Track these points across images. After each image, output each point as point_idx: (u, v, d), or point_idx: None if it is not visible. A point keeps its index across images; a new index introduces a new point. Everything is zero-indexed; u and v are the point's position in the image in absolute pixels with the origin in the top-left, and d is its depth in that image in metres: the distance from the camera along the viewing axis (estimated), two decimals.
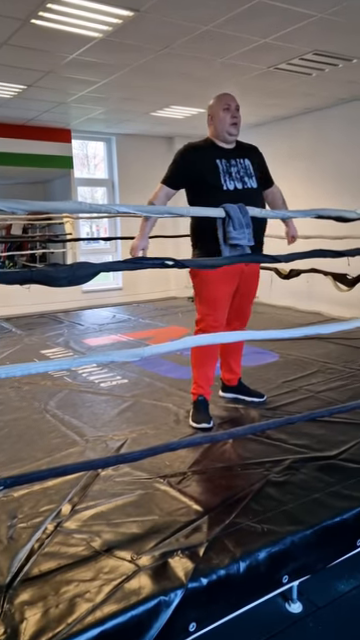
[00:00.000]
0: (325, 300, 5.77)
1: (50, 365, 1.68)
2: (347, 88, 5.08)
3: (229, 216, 1.78)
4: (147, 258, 1.73)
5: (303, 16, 3.31)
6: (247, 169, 2.58)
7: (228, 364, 2.91)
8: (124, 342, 4.50)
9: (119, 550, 1.56)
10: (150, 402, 2.94)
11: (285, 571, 1.57)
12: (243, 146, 2.68)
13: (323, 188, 6.03)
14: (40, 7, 3.12)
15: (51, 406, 2.89)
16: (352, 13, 3.29)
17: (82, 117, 6.16)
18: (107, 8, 3.16)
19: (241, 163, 2.58)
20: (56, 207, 2.02)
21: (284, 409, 2.74)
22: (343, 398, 2.86)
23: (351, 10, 3.25)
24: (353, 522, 1.71)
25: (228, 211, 1.77)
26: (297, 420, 2.04)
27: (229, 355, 2.88)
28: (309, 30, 3.55)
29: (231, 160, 2.55)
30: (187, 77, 4.58)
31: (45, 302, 6.21)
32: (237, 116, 2.58)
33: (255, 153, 2.71)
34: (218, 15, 3.28)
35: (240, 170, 2.56)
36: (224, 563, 1.48)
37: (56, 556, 1.55)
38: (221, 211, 1.78)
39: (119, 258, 7.51)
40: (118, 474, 2.04)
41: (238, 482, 1.97)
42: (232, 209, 1.80)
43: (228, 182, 2.51)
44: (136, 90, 5.00)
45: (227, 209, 1.78)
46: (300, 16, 3.31)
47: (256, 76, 4.56)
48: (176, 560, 1.49)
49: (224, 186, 2.49)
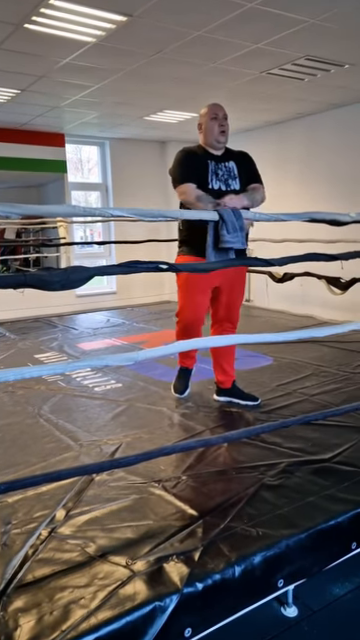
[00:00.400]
0: (318, 304, 5.79)
1: (44, 369, 1.68)
2: (339, 93, 5.12)
3: (223, 219, 1.79)
4: (141, 262, 1.73)
5: (295, 22, 3.34)
6: (231, 171, 2.74)
7: (220, 366, 2.94)
8: (118, 346, 4.50)
9: (114, 555, 1.55)
10: (144, 406, 2.93)
11: (280, 575, 1.57)
12: (231, 152, 2.82)
13: (316, 192, 6.07)
14: (33, 12, 3.13)
15: (45, 411, 2.88)
16: (343, 19, 3.33)
17: (76, 121, 6.17)
18: (100, 13, 3.17)
19: (226, 166, 2.74)
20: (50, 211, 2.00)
21: (278, 412, 2.74)
22: (337, 401, 2.87)
23: (342, 16, 3.28)
24: (348, 525, 1.72)
25: (222, 215, 1.78)
26: (291, 423, 2.04)
27: (221, 357, 2.92)
28: (301, 36, 3.57)
29: (219, 164, 2.72)
30: (180, 82, 4.60)
31: (39, 306, 6.20)
32: (225, 124, 2.74)
33: (242, 157, 2.83)
34: (210, 20, 3.30)
35: (225, 173, 2.72)
36: (219, 568, 1.47)
37: (50, 562, 1.53)
38: (215, 214, 1.78)
39: (113, 262, 7.51)
40: (113, 479, 2.03)
41: (233, 486, 1.97)
42: (226, 213, 1.80)
43: (214, 182, 2.67)
44: (129, 94, 5.01)
45: (221, 213, 1.79)
46: (292, 22, 3.34)
47: (248, 81, 4.59)
48: (171, 565, 1.49)
49: (210, 185, 2.65)
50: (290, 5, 3.09)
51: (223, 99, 5.10)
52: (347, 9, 3.18)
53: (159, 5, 3.05)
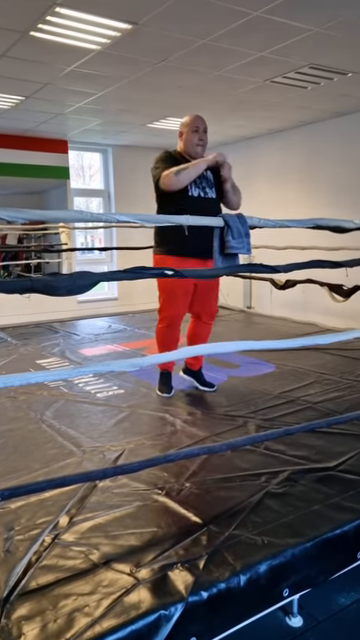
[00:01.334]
0: (320, 311, 5.79)
1: (49, 375, 1.68)
2: (342, 101, 5.15)
3: (228, 225, 1.79)
4: (147, 268, 1.73)
5: (299, 30, 3.36)
6: (209, 180, 2.95)
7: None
8: (120, 352, 4.49)
9: (118, 563, 1.54)
10: (147, 412, 2.92)
11: (286, 584, 1.56)
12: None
13: (317, 200, 6.09)
14: (39, 20, 3.15)
15: (47, 416, 2.87)
16: (347, 28, 3.35)
17: (79, 128, 6.20)
18: (106, 21, 3.20)
19: (204, 175, 2.92)
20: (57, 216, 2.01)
21: (282, 420, 2.73)
22: (341, 409, 2.86)
23: (346, 25, 3.30)
24: (353, 534, 1.70)
25: (227, 221, 1.78)
26: (296, 431, 2.03)
27: (195, 342, 3.19)
28: (305, 44, 3.60)
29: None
30: (184, 90, 4.62)
31: (40, 312, 6.19)
32: (203, 138, 2.97)
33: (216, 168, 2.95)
34: (215, 29, 3.32)
35: (203, 181, 2.91)
36: (224, 576, 1.46)
37: (54, 569, 1.52)
38: (220, 220, 1.79)
39: (115, 268, 7.52)
40: (116, 485, 2.02)
41: (237, 493, 1.95)
42: (231, 219, 1.80)
43: (193, 189, 2.88)
44: (133, 102, 5.04)
45: (226, 219, 1.79)
46: (296, 30, 3.36)
47: (252, 89, 4.62)
48: (176, 573, 1.47)
49: (189, 192, 2.86)
50: (294, 14, 3.12)
51: (226, 107, 5.15)
52: (351, 18, 3.20)
53: (164, 14, 3.08)
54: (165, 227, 2.83)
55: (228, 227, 1.78)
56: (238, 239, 1.78)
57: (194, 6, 2.98)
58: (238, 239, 1.78)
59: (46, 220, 1.87)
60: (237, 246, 1.79)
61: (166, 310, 3.09)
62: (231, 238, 1.78)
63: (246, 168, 6.31)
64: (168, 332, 3.11)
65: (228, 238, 1.79)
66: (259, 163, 6.62)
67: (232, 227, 1.77)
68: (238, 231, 1.77)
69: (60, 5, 2.98)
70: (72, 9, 3.03)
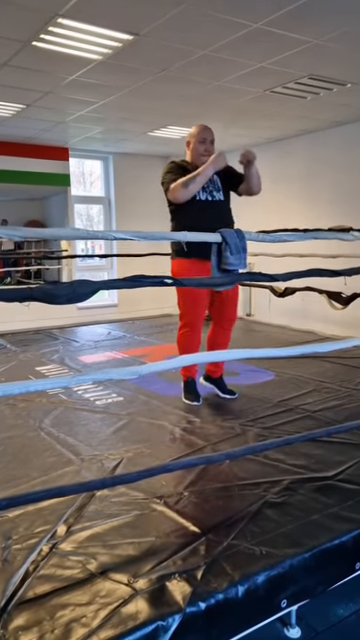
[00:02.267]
0: (319, 318, 5.80)
1: (49, 383, 1.68)
2: (341, 111, 5.19)
3: (226, 241, 1.79)
4: (146, 276, 1.74)
5: (298, 42, 3.39)
6: (215, 184, 3.03)
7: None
8: (119, 359, 4.49)
9: (116, 573, 1.54)
10: (146, 420, 2.92)
11: (284, 595, 1.55)
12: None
13: (318, 209, 6.11)
14: (41, 30, 3.18)
15: (46, 424, 2.86)
16: (346, 40, 3.38)
17: (80, 136, 6.24)
18: (107, 32, 3.23)
19: (211, 179, 2.99)
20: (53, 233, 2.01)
21: (281, 428, 2.73)
22: (340, 418, 2.86)
23: (345, 37, 3.33)
24: (352, 545, 1.70)
25: (225, 236, 1.78)
26: (295, 440, 2.03)
27: (214, 349, 3.22)
28: (304, 55, 3.63)
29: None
30: (184, 99, 4.66)
31: (40, 318, 6.20)
32: (210, 149, 3.03)
33: (224, 170, 3.03)
34: (215, 40, 3.35)
35: (210, 185, 2.99)
36: (222, 587, 1.45)
37: (51, 579, 1.52)
38: (217, 236, 1.79)
39: (115, 275, 7.54)
40: (114, 494, 2.02)
41: (236, 503, 1.95)
42: (228, 234, 1.81)
43: (201, 193, 2.96)
44: (134, 111, 5.08)
45: (224, 234, 1.79)
46: (296, 42, 3.39)
47: (252, 99, 4.65)
48: (174, 584, 1.47)
49: (197, 196, 2.94)
50: (293, 26, 3.15)
51: (227, 116, 5.18)
52: (350, 30, 3.23)
53: (165, 25, 3.11)
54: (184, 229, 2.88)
55: (226, 243, 1.78)
56: (236, 255, 1.78)
57: (194, 18, 3.01)
58: (236, 255, 1.78)
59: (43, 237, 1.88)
60: (235, 262, 1.80)
61: (188, 314, 3.12)
62: (229, 254, 1.79)
63: None
64: (190, 336, 3.12)
65: (226, 254, 1.79)
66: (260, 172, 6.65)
67: (230, 243, 1.77)
68: (236, 246, 1.78)
69: (62, 16, 3.01)
70: (74, 20, 3.06)
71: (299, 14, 2.97)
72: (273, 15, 2.99)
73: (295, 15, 2.98)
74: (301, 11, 2.93)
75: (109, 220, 7.75)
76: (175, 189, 2.87)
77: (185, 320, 3.14)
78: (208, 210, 2.96)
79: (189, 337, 3.13)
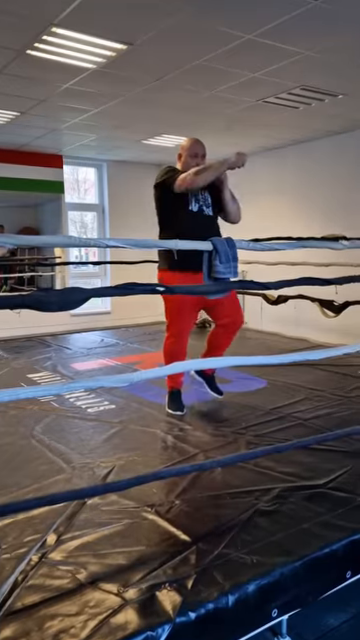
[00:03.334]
0: (312, 326, 5.82)
1: (39, 390, 1.67)
2: (333, 121, 5.25)
3: (216, 250, 1.80)
4: (138, 284, 1.74)
5: (291, 53, 3.44)
6: (206, 200, 3.05)
7: (212, 356, 3.19)
8: (112, 367, 4.48)
9: (105, 583, 1.52)
10: (138, 428, 2.91)
11: (275, 604, 1.54)
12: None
13: (311, 216, 6.16)
14: (36, 39, 3.20)
15: (37, 431, 2.85)
16: (337, 52, 3.43)
17: (74, 144, 6.26)
18: (102, 41, 3.25)
19: (202, 194, 3.03)
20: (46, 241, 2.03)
21: (273, 436, 2.73)
22: (331, 425, 2.86)
23: (336, 49, 3.38)
24: (342, 553, 1.70)
25: (215, 245, 1.79)
26: (285, 448, 2.03)
27: (215, 350, 3.25)
28: (296, 67, 3.68)
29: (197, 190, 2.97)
30: (178, 108, 4.69)
31: (33, 325, 6.18)
32: (200, 163, 3.01)
33: (213, 187, 3.04)
34: (208, 50, 3.39)
35: (200, 199, 3.03)
36: (213, 596, 1.45)
37: (40, 589, 1.50)
38: (208, 244, 1.80)
39: (108, 282, 7.54)
40: (105, 503, 2.00)
41: (227, 511, 1.94)
42: (219, 243, 1.82)
43: (193, 204, 3.00)
44: (128, 119, 5.11)
45: (214, 243, 1.80)
46: (288, 53, 3.44)
47: (245, 108, 4.70)
48: (164, 593, 1.46)
49: (189, 206, 2.98)
50: (286, 38, 3.19)
51: (221, 125, 5.23)
52: (341, 43, 3.28)
53: (159, 35, 3.14)
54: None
55: (217, 251, 1.79)
56: (226, 264, 1.79)
57: (188, 28, 3.04)
58: (226, 264, 1.79)
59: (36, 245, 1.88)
60: (224, 271, 1.80)
61: (174, 324, 3.13)
62: (219, 262, 1.80)
63: (241, 185, 6.38)
64: (176, 346, 3.13)
65: (216, 262, 1.80)
66: (254, 180, 6.69)
67: (220, 251, 1.78)
68: (226, 255, 1.79)
69: (57, 25, 3.03)
70: (68, 29, 3.08)
71: (291, 26, 3.01)
72: (265, 27, 3.03)
73: (287, 27, 3.02)
74: (293, 24, 2.98)
75: (103, 227, 7.76)
76: (186, 176, 2.83)
77: (172, 330, 3.15)
78: (198, 222, 2.98)
79: (175, 347, 3.13)
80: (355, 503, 1.97)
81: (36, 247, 7.36)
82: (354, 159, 5.74)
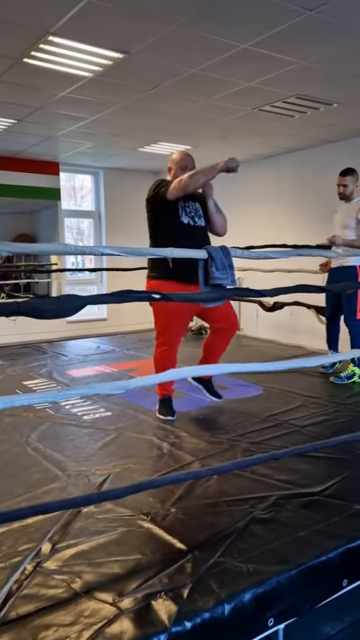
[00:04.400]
0: (307, 333, 5.83)
1: (34, 398, 1.66)
2: (328, 130, 5.29)
3: (212, 257, 1.81)
4: (134, 291, 1.75)
5: (286, 63, 3.47)
6: (197, 211, 3.11)
7: (207, 362, 3.25)
8: (108, 373, 4.47)
9: (100, 592, 1.51)
10: (134, 435, 2.90)
11: (271, 613, 1.53)
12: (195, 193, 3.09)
13: (307, 224, 6.19)
14: (33, 47, 3.22)
15: (32, 439, 2.83)
16: (331, 62, 3.47)
17: (71, 151, 6.28)
18: (98, 50, 3.27)
19: (192, 205, 3.10)
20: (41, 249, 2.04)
21: (269, 443, 2.73)
22: (327, 433, 2.86)
23: (330, 59, 3.42)
24: (339, 561, 1.69)
25: (211, 253, 1.80)
26: (282, 456, 2.03)
27: (211, 356, 3.29)
28: (291, 76, 3.71)
29: (187, 202, 3.07)
30: (174, 116, 4.72)
31: (29, 332, 6.16)
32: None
33: (203, 199, 3.12)
34: (204, 59, 3.41)
35: (192, 211, 3.08)
36: (208, 605, 1.44)
37: (35, 599, 1.49)
38: (203, 253, 1.81)
39: (104, 289, 7.53)
40: (100, 511, 1.99)
41: (223, 519, 1.94)
42: (214, 251, 1.83)
43: (184, 217, 3.05)
44: (124, 127, 5.13)
45: (209, 251, 1.82)
46: (283, 63, 3.47)
47: (241, 116, 4.73)
48: (159, 602, 1.45)
49: (181, 217, 3.02)
50: (280, 47, 3.22)
51: (217, 133, 5.26)
52: (335, 53, 3.32)
53: (155, 44, 3.16)
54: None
55: (212, 259, 1.80)
56: (222, 270, 1.80)
57: (183, 38, 3.07)
58: (222, 270, 1.80)
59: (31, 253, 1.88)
60: (221, 277, 1.82)
61: (166, 333, 3.14)
62: (215, 270, 1.81)
63: (237, 193, 6.41)
64: (167, 355, 3.14)
65: (212, 270, 1.81)
66: (251, 188, 6.73)
67: (216, 259, 1.79)
68: (222, 263, 1.80)
69: (53, 34, 3.05)
70: (65, 38, 3.10)
71: (286, 36, 3.04)
72: (260, 37, 3.06)
73: (282, 37, 3.05)
74: (287, 33, 3.01)
75: (99, 234, 7.77)
76: (181, 181, 2.86)
77: (163, 339, 3.15)
78: (190, 234, 3.02)
79: (167, 356, 3.13)
80: (351, 511, 1.96)
81: (32, 254, 7.37)
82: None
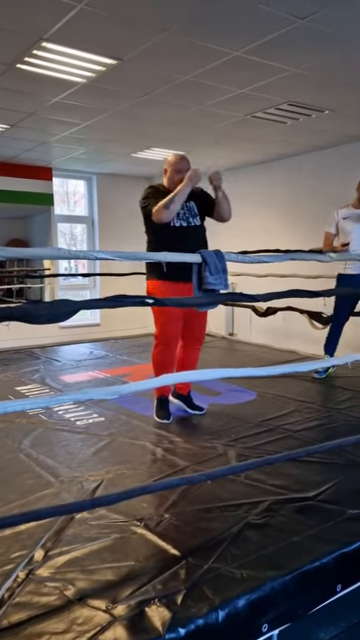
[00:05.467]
0: (300, 338, 5.86)
1: (27, 403, 1.65)
2: (320, 136, 5.33)
3: (205, 262, 1.82)
4: (127, 296, 1.75)
5: (278, 70, 3.50)
6: (192, 210, 3.14)
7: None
8: (101, 379, 4.45)
9: (94, 599, 1.50)
10: (127, 441, 2.89)
11: (265, 619, 1.53)
12: (192, 191, 3.10)
13: (299, 230, 6.23)
14: (26, 53, 3.23)
15: (25, 445, 2.81)
16: (323, 70, 3.51)
17: (64, 156, 6.29)
18: (91, 56, 3.29)
19: (187, 206, 3.11)
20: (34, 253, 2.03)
21: (262, 448, 2.72)
22: (321, 438, 2.87)
23: (322, 67, 3.46)
24: (333, 566, 1.69)
25: (204, 257, 1.81)
26: (275, 461, 2.03)
27: (184, 367, 3.31)
28: (284, 83, 3.75)
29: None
30: (167, 122, 4.74)
31: (21, 337, 6.13)
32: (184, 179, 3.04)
33: (201, 196, 3.19)
34: (197, 66, 3.44)
35: (186, 212, 3.10)
36: (202, 612, 1.43)
37: (27, 606, 1.47)
38: (197, 257, 1.81)
39: (98, 294, 7.53)
40: (93, 517, 1.98)
41: (216, 525, 1.93)
42: (208, 255, 1.83)
43: (175, 221, 3.06)
44: (117, 133, 5.15)
45: (203, 255, 1.82)
46: (275, 70, 3.50)
47: (233, 123, 4.76)
48: (153, 609, 1.44)
49: (172, 223, 3.04)
50: (272, 55, 3.25)
51: (210, 139, 5.29)
52: (326, 61, 3.35)
53: (148, 51, 3.18)
54: (156, 250, 2.93)
55: (206, 263, 1.80)
56: (215, 275, 1.81)
57: (176, 45, 3.09)
58: (215, 275, 1.81)
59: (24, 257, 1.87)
60: (214, 282, 1.82)
61: (163, 333, 3.19)
62: (209, 274, 1.81)
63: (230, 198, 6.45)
64: (165, 354, 3.19)
65: (206, 274, 1.81)
66: (243, 194, 6.77)
67: (209, 263, 1.80)
68: (215, 267, 1.80)
69: (47, 40, 3.06)
70: (58, 44, 3.12)
71: (277, 44, 3.08)
72: (252, 44, 3.09)
73: (274, 45, 3.08)
74: (279, 41, 3.04)
75: (92, 239, 7.77)
76: (158, 211, 2.98)
77: (160, 339, 3.21)
78: (183, 236, 3.05)
79: (164, 354, 3.19)
80: (345, 516, 1.96)
81: (25, 259, 7.35)
82: (340, 174, 5.83)
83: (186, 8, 2.68)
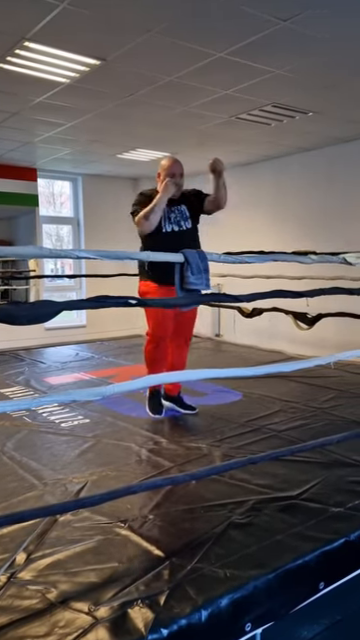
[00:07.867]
0: (286, 339, 5.89)
1: (8, 405, 1.64)
2: (305, 138, 5.37)
3: (187, 261, 1.82)
4: (110, 297, 1.74)
5: (262, 72, 3.52)
6: (183, 214, 3.18)
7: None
8: (86, 380, 4.43)
9: (76, 601, 1.49)
10: (112, 442, 2.88)
11: (248, 618, 1.53)
12: (184, 194, 3.21)
13: (285, 231, 6.27)
14: (8, 53, 3.20)
15: (8, 448, 2.79)
16: (306, 72, 3.53)
17: (48, 157, 6.25)
18: (75, 56, 3.27)
19: (178, 209, 3.16)
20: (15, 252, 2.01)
21: (247, 448, 2.73)
22: (305, 437, 2.88)
23: (305, 70, 3.48)
24: (315, 564, 1.70)
25: (187, 256, 1.81)
26: (259, 460, 2.04)
27: (174, 366, 3.33)
28: (268, 85, 3.77)
29: (172, 207, 3.13)
30: (151, 123, 4.74)
31: (6, 339, 6.08)
32: (179, 182, 3.14)
33: (193, 197, 3.23)
34: (181, 67, 3.44)
35: (177, 216, 3.15)
36: (185, 612, 1.43)
37: (8, 610, 1.46)
38: (180, 256, 1.81)
39: (84, 295, 7.48)
40: (77, 519, 1.97)
41: (200, 525, 1.93)
42: (190, 255, 1.83)
43: (167, 225, 3.12)
44: (102, 133, 5.13)
45: (186, 254, 1.82)
46: (259, 72, 3.52)
47: (218, 124, 4.77)
48: (136, 610, 1.43)
49: (163, 229, 3.10)
50: (256, 56, 3.27)
51: (195, 140, 5.30)
52: (309, 62, 3.38)
53: (132, 51, 3.18)
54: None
55: (188, 263, 1.80)
56: (197, 275, 1.81)
57: (160, 45, 3.09)
58: (197, 275, 1.81)
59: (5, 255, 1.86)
60: (196, 282, 1.82)
61: (156, 330, 3.22)
62: (190, 274, 1.81)
63: None
64: (157, 351, 3.24)
65: (187, 274, 1.81)
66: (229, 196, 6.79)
67: (191, 263, 1.80)
68: (197, 267, 1.80)
69: (29, 40, 3.04)
70: (41, 44, 3.10)
71: (260, 46, 3.09)
72: (236, 45, 3.10)
73: (257, 46, 3.10)
74: (262, 43, 3.05)
75: (78, 240, 7.73)
76: (139, 222, 3.06)
77: (152, 336, 3.25)
78: (174, 241, 3.05)
79: (157, 351, 3.24)
80: (328, 514, 1.98)
81: (10, 260, 7.28)
82: (324, 176, 5.88)
83: (170, 9, 2.68)
